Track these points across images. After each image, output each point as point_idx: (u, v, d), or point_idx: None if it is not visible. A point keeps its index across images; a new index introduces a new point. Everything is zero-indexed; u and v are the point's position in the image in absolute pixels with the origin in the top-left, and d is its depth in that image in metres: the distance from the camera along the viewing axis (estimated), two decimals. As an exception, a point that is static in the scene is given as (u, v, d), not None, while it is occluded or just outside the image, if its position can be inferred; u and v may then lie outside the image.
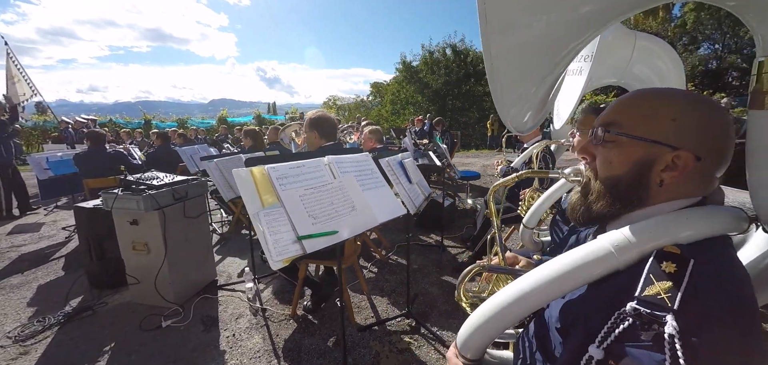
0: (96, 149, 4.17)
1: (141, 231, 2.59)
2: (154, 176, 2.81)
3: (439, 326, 2.59)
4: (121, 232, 2.63)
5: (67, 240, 4.41)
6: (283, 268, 2.56)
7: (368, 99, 41.98)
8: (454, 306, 2.81)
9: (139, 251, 2.62)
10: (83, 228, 2.97)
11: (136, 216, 2.56)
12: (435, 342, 2.43)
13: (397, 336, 2.47)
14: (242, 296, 2.95)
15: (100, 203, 2.93)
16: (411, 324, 2.59)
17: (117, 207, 2.53)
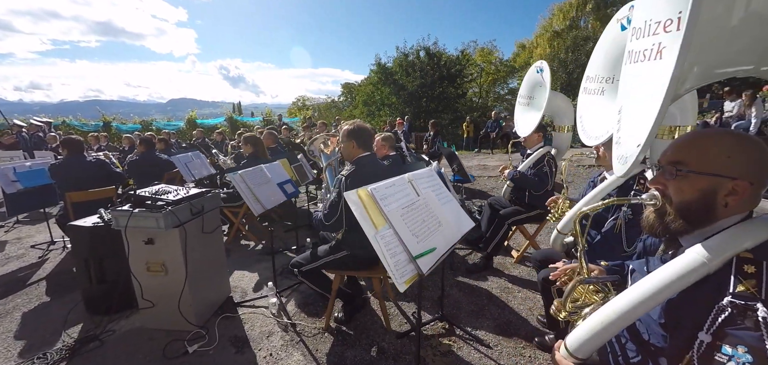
0: (76, 158, 3.77)
1: (157, 250, 2.38)
2: (166, 189, 2.60)
3: (472, 326, 2.64)
4: (134, 253, 2.39)
5: (42, 260, 3.95)
6: (314, 281, 2.52)
7: (339, 99, 41.69)
8: (479, 307, 2.89)
9: (156, 272, 2.41)
10: (81, 248, 2.67)
11: (152, 235, 2.35)
12: (473, 342, 2.47)
13: (435, 339, 2.49)
14: (266, 312, 2.81)
15: (99, 220, 2.67)
16: (445, 327, 2.61)
17: (130, 225, 2.30)
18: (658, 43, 1.10)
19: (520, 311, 2.82)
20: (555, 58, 21.40)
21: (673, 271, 0.92)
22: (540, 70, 3.91)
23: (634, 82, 1.22)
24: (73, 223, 2.67)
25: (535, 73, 4.03)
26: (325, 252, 2.44)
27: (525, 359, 2.31)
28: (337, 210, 2.20)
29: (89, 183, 3.73)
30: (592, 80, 2.63)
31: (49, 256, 4.09)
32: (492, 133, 11.97)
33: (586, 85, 2.67)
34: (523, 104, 4.24)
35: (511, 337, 2.50)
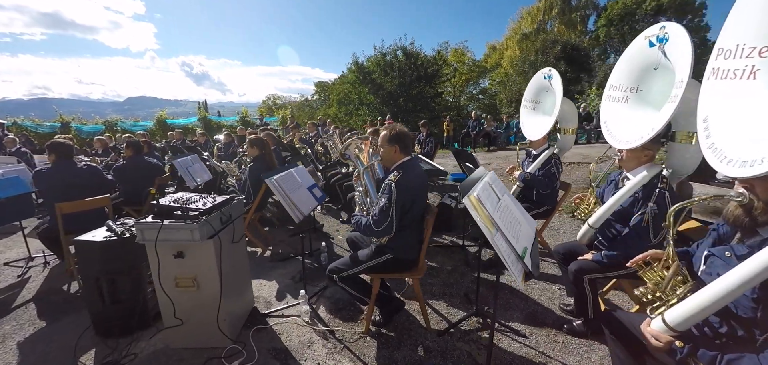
0: (65, 165, 3.41)
1: (188, 264, 2.22)
2: (190, 198, 2.42)
3: (505, 318, 2.74)
4: (162, 268, 2.20)
5: (23, 280, 3.54)
6: (353, 286, 2.48)
7: (313, 98, 40.92)
8: (504, 300, 3.00)
9: (186, 287, 2.24)
10: (90, 266, 2.42)
11: (182, 248, 2.18)
12: (509, 333, 2.57)
13: (474, 334, 2.55)
14: (298, 320, 2.72)
15: (110, 234, 2.45)
16: (480, 322, 2.68)
17: (159, 239, 2.12)
18: (752, 65, 1.30)
19: (541, 301, 2.97)
20: (526, 60, 22.35)
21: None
22: (548, 76, 4.07)
23: (723, 95, 1.35)
24: (80, 238, 2.41)
25: (541, 79, 4.20)
26: (367, 256, 2.41)
27: (560, 345, 2.44)
28: (388, 215, 2.18)
29: (80, 192, 3.39)
30: (616, 89, 2.85)
31: (30, 274, 3.67)
32: (473, 132, 12.27)
33: (610, 93, 2.89)
34: (529, 108, 4.41)
35: (542, 326, 2.62)
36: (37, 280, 3.53)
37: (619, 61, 2.82)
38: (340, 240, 4.56)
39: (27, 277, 3.60)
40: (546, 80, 4.13)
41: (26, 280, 3.53)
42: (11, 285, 3.45)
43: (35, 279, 3.55)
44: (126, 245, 2.42)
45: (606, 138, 2.84)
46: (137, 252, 2.46)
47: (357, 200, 2.54)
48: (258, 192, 4.00)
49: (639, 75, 2.67)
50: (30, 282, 3.51)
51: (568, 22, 26.14)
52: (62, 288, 3.35)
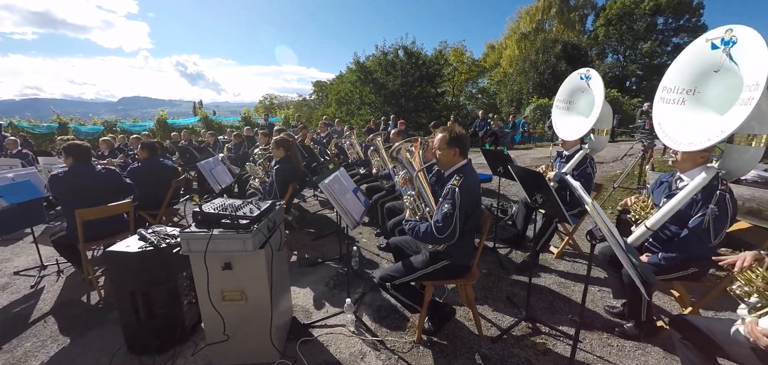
0: (83, 168, 3.19)
1: (235, 276, 2.04)
2: (234, 204, 2.25)
3: (553, 322, 2.66)
4: (210, 280, 2.02)
5: (36, 290, 3.32)
6: (406, 294, 2.36)
7: (311, 98, 40.63)
8: (548, 303, 2.94)
9: (233, 301, 2.07)
10: (125, 279, 2.23)
11: (230, 259, 2.01)
12: (563, 338, 2.49)
13: (527, 339, 2.48)
14: (344, 330, 2.58)
15: (145, 244, 2.26)
16: (529, 326, 2.61)
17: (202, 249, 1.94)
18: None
19: (593, 306, 2.90)
20: (526, 59, 22.39)
21: None
22: (586, 76, 3.98)
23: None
24: (114, 249, 2.22)
25: (577, 80, 4.10)
26: (422, 263, 2.30)
27: (614, 348, 2.39)
28: (451, 221, 2.07)
29: (99, 197, 3.19)
30: (670, 91, 2.80)
31: (43, 284, 3.45)
32: (480, 131, 12.19)
33: (664, 95, 2.85)
34: (562, 108, 4.32)
35: (592, 330, 2.57)
36: (52, 291, 3.32)
37: (675, 63, 2.80)
38: (366, 242, 4.40)
39: (40, 287, 3.38)
40: (583, 80, 4.03)
41: (40, 291, 3.31)
42: (26, 296, 3.23)
43: (50, 290, 3.33)
44: (163, 255, 2.24)
45: (661, 139, 2.78)
46: (174, 262, 2.30)
47: (408, 204, 2.39)
48: (284, 195, 3.83)
49: (697, 77, 2.60)
50: (45, 292, 3.29)
51: (566, 21, 26.27)
52: (81, 300, 3.14)
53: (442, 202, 2.11)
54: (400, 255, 2.70)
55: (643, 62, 22.98)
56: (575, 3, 26.53)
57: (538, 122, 14.53)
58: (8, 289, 3.37)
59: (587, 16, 26.39)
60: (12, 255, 4.22)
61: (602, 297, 3.02)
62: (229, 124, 14.99)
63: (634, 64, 22.99)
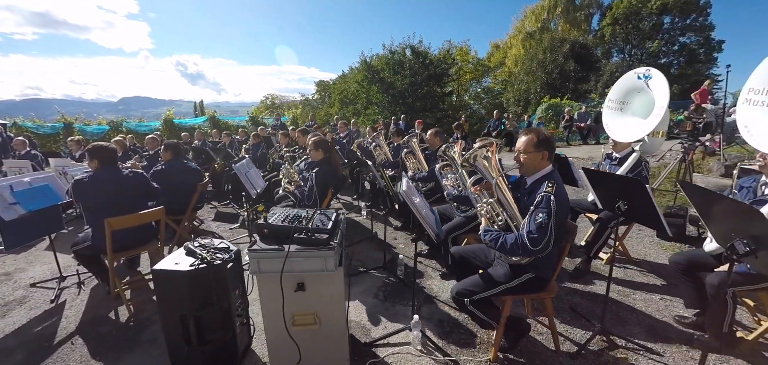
0: (109, 172, 2.90)
1: (308, 297, 1.77)
2: (296, 214, 1.97)
3: (625, 334, 2.49)
4: (275, 303, 1.75)
5: (57, 305, 3.03)
6: (484, 310, 2.15)
7: (313, 97, 40.32)
8: (614, 313, 2.76)
9: (305, 325, 1.79)
10: (176, 300, 1.94)
11: (303, 278, 1.73)
12: (642, 351, 2.34)
13: (607, 354, 2.32)
14: (411, 349, 2.33)
15: (197, 260, 1.97)
16: (604, 339, 2.44)
17: (272, 270, 1.66)
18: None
19: (650, 312, 2.78)
20: (533, 58, 22.16)
21: None
22: (646, 76, 3.74)
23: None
24: (161, 268, 1.93)
25: (634, 79, 3.88)
26: (504, 276, 2.09)
27: (695, 362, 2.16)
28: (547, 232, 1.84)
29: (127, 204, 2.90)
30: (758, 92, 2.65)
31: (64, 298, 3.16)
32: (494, 131, 11.94)
33: (750, 97, 2.74)
34: (614, 109, 4.10)
35: (668, 342, 2.43)
36: (75, 306, 3.03)
37: (764, 62, 2.62)
38: (402, 248, 4.14)
39: (62, 301, 3.09)
40: (641, 80, 3.79)
41: (62, 306, 3.02)
42: (47, 312, 2.93)
43: (72, 305, 3.04)
44: (218, 273, 1.96)
45: (747, 141, 2.58)
46: (227, 280, 2.02)
47: (484, 213, 2.14)
48: (324, 200, 3.55)
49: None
50: (67, 308, 3.00)
51: (572, 21, 26.08)
52: (109, 317, 2.85)
53: (534, 211, 1.88)
54: (463, 265, 2.49)
55: (648, 62, 22.83)
56: (581, 2, 26.33)
57: (549, 122, 14.28)
58: (26, 304, 3.08)
59: (593, 15, 26.19)
60: (26, 263, 3.92)
61: (665, 306, 2.85)
62: (235, 124, 14.67)
63: (641, 64, 22.79)
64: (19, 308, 3.01)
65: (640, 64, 23.23)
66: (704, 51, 22.28)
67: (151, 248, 3.09)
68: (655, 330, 2.54)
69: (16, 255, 4.20)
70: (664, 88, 3.57)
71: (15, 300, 3.15)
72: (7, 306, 3.04)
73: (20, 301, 3.12)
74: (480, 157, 2.12)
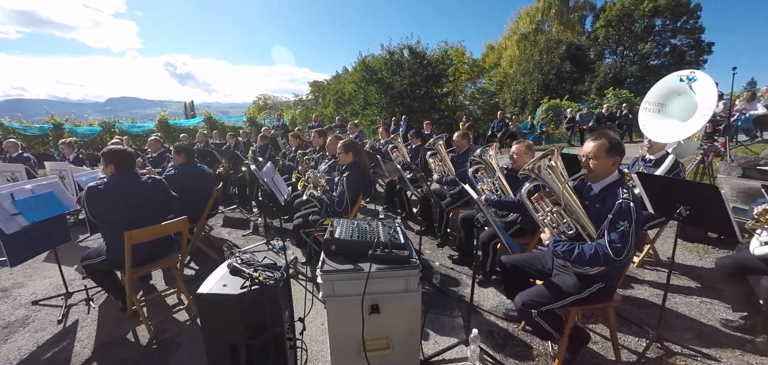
0: (127, 178, 2.63)
1: (382, 320, 1.56)
2: (357, 227, 1.75)
3: (676, 340, 2.43)
4: (346, 327, 1.53)
5: (66, 327, 2.73)
6: (550, 321, 2.02)
7: (308, 98, 39.88)
8: (658, 318, 2.58)
9: (377, 350, 1.58)
10: (223, 328, 1.70)
11: (378, 300, 1.52)
12: (698, 357, 2.28)
13: (665, 361, 2.26)
14: (467, 364, 2.20)
15: (250, 282, 1.74)
16: (659, 346, 2.37)
17: (352, 292, 1.45)
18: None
19: (695, 316, 2.73)
20: (530, 59, 22.27)
21: None
22: (690, 78, 3.65)
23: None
24: (208, 292, 1.68)
25: (676, 81, 3.80)
26: (574, 287, 1.98)
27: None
28: (628, 240, 1.74)
29: (146, 214, 2.64)
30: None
31: (73, 316, 2.86)
32: (498, 132, 11.87)
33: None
34: (652, 111, 4.02)
35: (721, 347, 2.37)
36: (86, 326, 2.73)
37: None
38: (429, 254, 3.95)
39: (72, 322, 2.79)
40: (684, 82, 3.72)
41: (73, 327, 2.72)
42: (56, 335, 2.63)
43: (84, 325, 2.75)
44: (271, 294, 1.73)
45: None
46: (279, 303, 1.78)
47: (548, 222, 2.00)
48: (355, 207, 3.33)
49: None
50: (79, 329, 2.70)
51: (566, 22, 26.35)
52: (127, 339, 2.58)
53: (614, 220, 1.76)
54: (515, 274, 2.37)
55: (641, 63, 23.22)
56: (574, 4, 26.65)
57: (550, 122, 14.31)
58: (30, 325, 2.77)
59: (586, 17, 26.53)
60: (24, 277, 3.58)
61: (708, 309, 2.80)
62: (230, 125, 14.25)
63: (635, 65, 23.17)
64: (22, 330, 2.70)
65: (633, 65, 23.64)
66: (694, 53, 22.76)
67: (170, 262, 2.82)
68: (704, 335, 2.48)
69: (12, 268, 3.85)
70: (710, 91, 3.51)
71: (17, 320, 2.84)
72: (8, 329, 2.73)
73: (23, 322, 2.81)
74: (544, 166, 1.97)
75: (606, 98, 13.93)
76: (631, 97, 13.47)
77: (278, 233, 4.58)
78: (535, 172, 2.01)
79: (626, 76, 23.55)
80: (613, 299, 2.07)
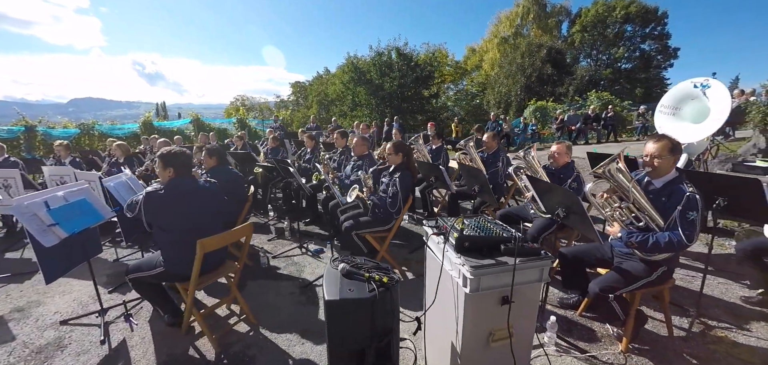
0: (188, 182, 2.42)
1: (506, 309, 1.58)
2: (479, 223, 1.72)
3: (710, 316, 2.65)
4: (476, 322, 1.53)
5: (117, 350, 2.47)
6: (620, 302, 2.23)
7: (289, 98, 39.05)
8: (691, 299, 2.81)
9: (501, 339, 1.60)
10: (353, 331, 1.61)
11: (507, 291, 1.54)
12: (733, 330, 2.50)
13: (708, 334, 2.47)
14: (549, 350, 2.30)
15: (374, 286, 1.66)
16: (700, 322, 2.57)
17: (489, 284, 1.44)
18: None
19: (718, 296, 2.94)
20: (512, 62, 22.96)
21: None
22: (704, 85, 3.92)
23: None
24: (334, 298, 1.57)
25: (690, 87, 4.08)
26: (644, 271, 2.18)
27: None
28: (696, 227, 1.97)
29: (206, 220, 2.46)
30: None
31: (113, 334, 2.61)
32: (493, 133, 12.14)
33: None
34: (667, 114, 4.31)
35: (749, 320, 2.59)
36: (137, 345, 2.49)
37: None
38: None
39: (118, 341, 2.54)
40: (697, 89, 3.99)
41: (122, 347, 2.48)
42: (107, 358, 2.38)
43: (135, 345, 2.50)
44: (393, 296, 1.66)
45: None
46: (397, 302, 1.73)
47: (617, 217, 2.24)
48: (406, 206, 3.27)
49: None
50: (129, 348, 2.46)
51: (544, 27, 27.42)
52: (191, 355, 2.38)
53: (683, 211, 1.99)
54: (574, 264, 2.54)
55: (614, 66, 24.67)
56: (551, 9, 27.80)
57: (539, 124, 14.81)
58: (68, 347, 2.50)
59: (562, 22, 27.74)
60: (38, 295, 3.24)
61: (727, 289, 3.04)
62: (216, 126, 13.64)
63: (609, 69, 24.50)
64: (61, 354, 2.43)
65: (608, 68, 24.96)
66: (662, 58, 24.40)
67: (228, 270, 2.64)
68: (730, 311, 2.72)
69: (20, 284, 3.48)
70: (724, 97, 3.78)
71: (49, 343, 2.55)
72: (43, 354, 2.44)
73: (58, 345, 2.53)
74: (613, 168, 2.15)
75: (589, 100, 14.57)
76: (613, 99, 14.17)
77: (306, 237, 4.43)
78: (607, 173, 2.17)
79: (600, 78, 24.80)
80: (672, 280, 2.28)
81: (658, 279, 2.17)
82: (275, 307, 2.92)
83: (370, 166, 4.22)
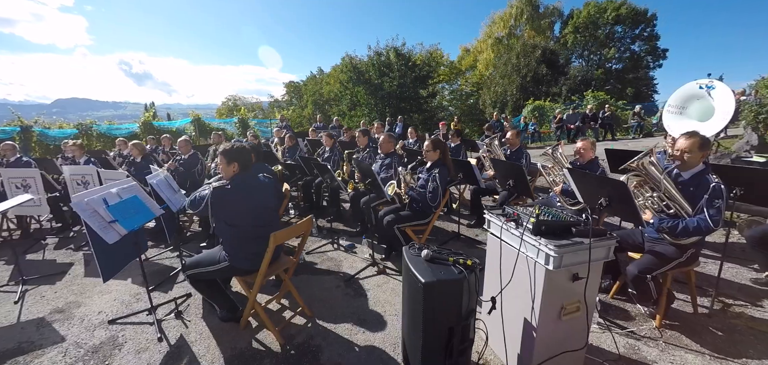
0: (248, 179, 2.44)
1: (579, 286, 1.75)
2: (553, 211, 1.83)
3: (726, 295, 2.85)
4: (548, 299, 1.70)
5: (177, 347, 2.48)
6: (655, 282, 2.40)
7: (283, 98, 38.73)
8: (709, 281, 3.06)
9: (571, 314, 1.78)
10: (446, 311, 1.69)
11: (578, 269, 1.69)
12: (749, 306, 2.70)
13: (728, 311, 2.70)
14: (595, 328, 2.47)
15: (458, 269, 1.73)
16: (719, 301, 2.78)
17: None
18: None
19: (730, 278, 3.16)
20: (508, 62, 23.30)
21: None
22: (709, 86, 4.13)
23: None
24: (432, 280, 1.64)
25: (695, 88, 4.28)
26: (675, 252, 2.38)
27: None
28: (721, 213, 2.17)
29: (267, 215, 2.50)
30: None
31: (170, 332, 2.61)
32: (498, 132, 12.35)
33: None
34: (674, 113, 4.51)
35: (761, 298, 2.84)
36: (198, 341, 2.50)
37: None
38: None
39: (175, 338, 2.54)
40: (702, 90, 4.21)
41: (182, 345, 2.48)
42: (170, 355, 2.38)
43: (194, 341, 2.51)
44: (477, 277, 1.77)
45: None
46: (477, 284, 1.83)
47: (649, 205, 2.44)
48: (444, 199, 3.36)
49: None
50: (190, 344, 2.47)
51: (537, 28, 27.87)
52: (256, 348, 2.41)
53: (710, 199, 2.19)
54: None
55: (603, 67, 25.33)
56: (544, 11, 28.29)
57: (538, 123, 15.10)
58: (125, 346, 2.49)
59: (555, 23, 28.28)
60: (74, 295, 3.21)
61: (737, 272, 3.27)
62: (215, 126, 13.46)
63: (600, 69, 25.08)
64: (119, 354, 2.42)
65: (599, 68, 25.54)
66: (652, 58, 25.14)
67: (287, 264, 2.67)
68: (743, 291, 2.96)
69: (52, 285, 3.43)
70: (728, 98, 3.99)
71: (104, 343, 2.53)
72: (101, 353, 2.43)
73: (114, 344, 2.52)
74: (646, 162, 2.36)
75: (586, 100, 14.92)
76: (609, 98, 14.53)
77: (333, 233, 4.47)
78: (641, 167, 2.37)
79: (592, 78, 25.36)
80: (698, 262, 2.52)
81: (687, 260, 2.38)
82: (325, 300, 2.96)
83: (398, 163, 4.29)
